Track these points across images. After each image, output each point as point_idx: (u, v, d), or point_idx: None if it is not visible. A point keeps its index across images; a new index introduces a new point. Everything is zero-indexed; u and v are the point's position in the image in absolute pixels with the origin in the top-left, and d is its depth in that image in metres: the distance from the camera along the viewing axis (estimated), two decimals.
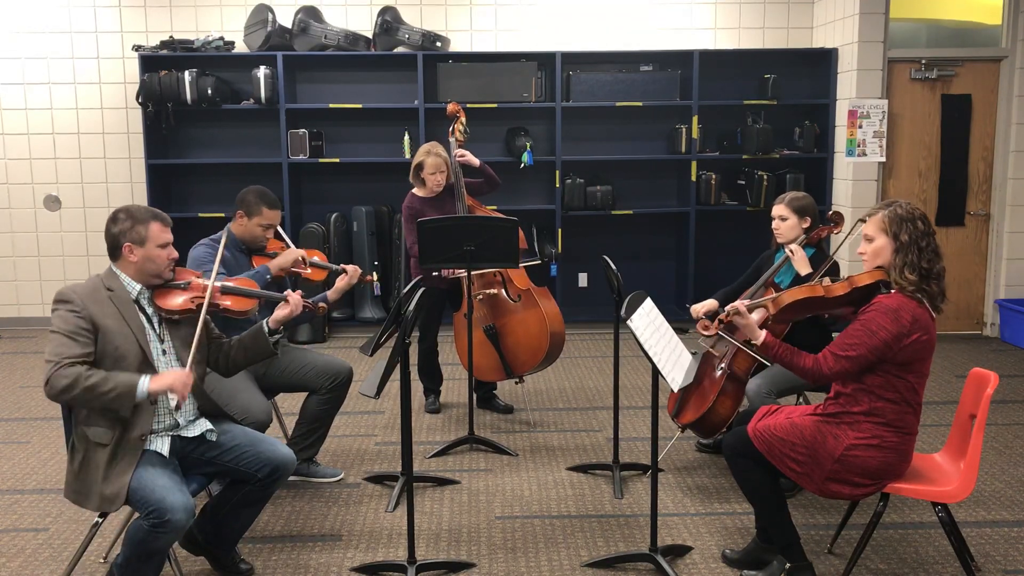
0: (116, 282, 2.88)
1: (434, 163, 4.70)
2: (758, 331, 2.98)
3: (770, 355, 2.96)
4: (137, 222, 2.86)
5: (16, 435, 4.68)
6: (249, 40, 6.71)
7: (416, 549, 3.15)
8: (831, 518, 3.56)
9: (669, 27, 7.04)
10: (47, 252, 7.14)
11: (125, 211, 2.89)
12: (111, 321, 2.79)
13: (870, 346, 2.78)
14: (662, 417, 4.32)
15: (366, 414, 4.97)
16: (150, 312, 2.92)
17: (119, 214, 2.89)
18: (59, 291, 2.81)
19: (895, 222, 2.87)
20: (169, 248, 2.91)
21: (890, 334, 2.76)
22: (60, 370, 2.65)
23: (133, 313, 2.85)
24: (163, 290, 2.95)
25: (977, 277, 6.85)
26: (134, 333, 2.82)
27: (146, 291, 2.92)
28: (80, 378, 2.65)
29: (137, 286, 2.90)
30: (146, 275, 2.89)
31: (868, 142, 6.54)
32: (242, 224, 3.76)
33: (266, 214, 3.73)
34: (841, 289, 2.96)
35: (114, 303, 2.82)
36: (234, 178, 6.72)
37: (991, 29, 6.68)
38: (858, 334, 2.80)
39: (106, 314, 2.79)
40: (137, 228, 2.85)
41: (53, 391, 2.67)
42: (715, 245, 7.11)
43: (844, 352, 2.82)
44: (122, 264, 2.89)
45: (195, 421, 2.99)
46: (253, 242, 3.77)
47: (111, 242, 2.88)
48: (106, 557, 3.24)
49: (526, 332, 4.65)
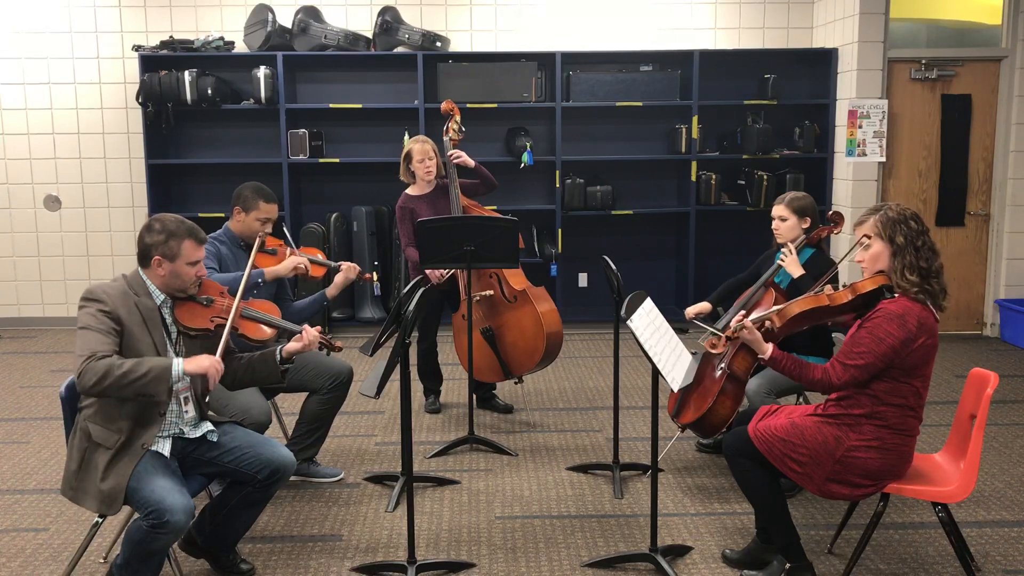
0: (143, 288, 2.88)
1: (421, 149, 4.67)
2: (765, 345, 2.96)
3: (778, 368, 2.94)
4: (172, 237, 2.84)
5: (16, 435, 4.68)
6: (249, 40, 6.71)
7: (416, 549, 3.15)
8: (831, 518, 3.56)
9: (669, 27, 7.04)
10: (47, 252, 7.14)
11: (161, 223, 2.87)
12: (136, 328, 2.80)
13: (878, 353, 2.76)
14: (662, 417, 4.32)
15: (366, 414, 4.97)
16: (169, 322, 2.92)
17: (155, 224, 2.87)
18: (89, 289, 2.80)
19: (888, 225, 2.86)
20: (198, 266, 2.90)
21: (897, 340, 2.75)
22: (92, 363, 2.64)
23: (156, 322, 2.86)
24: (186, 304, 2.95)
25: (977, 277, 6.85)
26: (155, 341, 2.83)
27: (169, 301, 2.93)
28: (113, 367, 2.63)
29: (161, 296, 2.90)
30: (170, 288, 2.90)
31: (868, 142, 6.54)
32: (240, 220, 3.77)
33: (262, 208, 3.74)
34: (845, 297, 2.94)
35: (139, 309, 2.82)
36: (234, 178, 6.62)
37: (991, 29, 6.68)
38: (865, 342, 2.79)
39: (132, 319, 2.79)
40: (171, 243, 2.84)
41: (87, 383, 2.64)
42: (715, 245, 7.11)
43: (852, 361, 2.80)
44: (149, 273, 2.88)
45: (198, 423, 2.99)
46: (252, 237, 3.77)
47: (142, 250, 2.87)
48: (106, 557, 3.24)
49: (522, 333, 4.65)
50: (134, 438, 2.78)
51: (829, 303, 2.96)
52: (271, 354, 3.05)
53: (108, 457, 2.75)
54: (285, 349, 3.04)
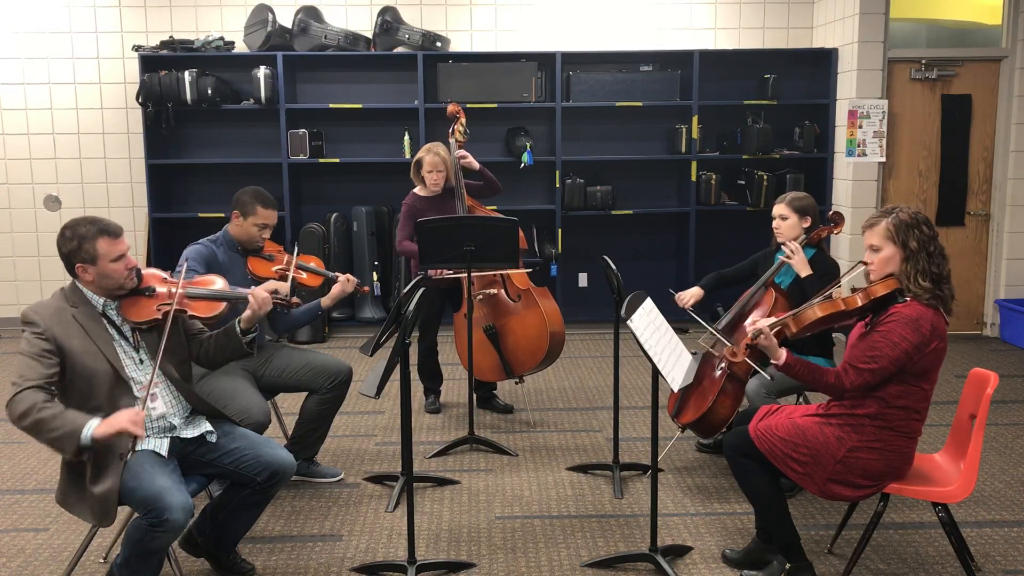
0: (81, 297, 2.81)
1: (432, 161, 4.70)
2: (780, 351, 2.93)
3: (791, 374, 2.91)
4: (84, 240, 2.75)
5: (16, 435, 4.67)
6: (249, 40, 6.71)
7: (416, 549, 3.15)
8: (831, 518, 3.56)
9: (669, 27, 7.04)
10: (47, 252, 7.13)
11: (71, 228, 2.78)
12: (76, 341, 2.72)
13: (892, 358, 2.75)
14: (662, 417, 4.32)
15: (366, 414, 4.97)
16: (119, 322, 2.86)
17: (65, 231, 2.78)
18: (24, 312, 2.73)
19: (902, 229, 2.83)
20: (125, 258, 2.81)
21: (911, 344, 2.74)
22: (20, 394, 2.58)
23: (100, 329, 2.78)
24: (129, 299, 2.87)
25: (977, 277, 6.85)
26: (102, 351, 2.76)
27: (112, 302, 2.86)
28: (34, 408, 2.55)
29: (101, 299, 2.83)
30: (107, 289, 2.82)
31: (868, 142, 6.54)
32: (238, 224, 3.76)
33: (261, 213, 3.73)
34: (859, 301, 2.90)
35: (78, 321, 2.75)
36: (234, 178, 6.71)
37: (991, 29, 6.68)
38: (879, 346, 2.77)
39: (71, 334, 2.72)
40: (85, 246, 2.74)
41: (12, 416, 2.58)
42: (715, 245, 7.11)
43: (866, 365, 2.78)
44: (81, 281, 2.82)
45: (194, 421, 2.98)
46: (249, 242, 3.76)
47: (64, 261, 2.79)
48: (106, 557, 3.24)
49: (526, 332, 4.65)
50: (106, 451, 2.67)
51: (844, 308, 2.94)
52: (231, 328, 3.02)
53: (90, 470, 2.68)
54: (243, 319, 3.01)
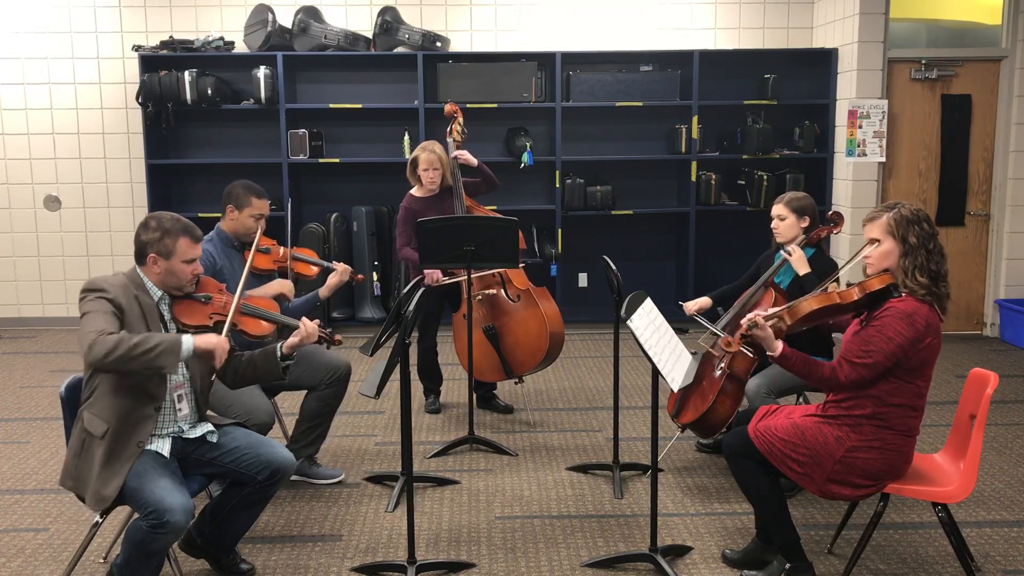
0: (140, 285, 2.89)
1: (427, 159, 4.69)
2: (776, 343, 2.93)
3: (786, 366, 2.92)
4: (167, 234, 2.85)
5: (16, 435, 4.68)
6: (249, 40, 6.71)
7: (416, 549, 3.15)
8: (831, 518, 3.56)
9: (669, 27, 7.04)
10: (47, 252, 7.14)
11: (157, 220, 2.89)
12: (135, 319, 2.80)
13: (887, 352, 2.76)
14: (662, 417, 4.32)
15: (366, 414, 4.97)
16: (167, 319, 2.93)
17: (151, 222, 2.88)
18: (90, 280, 2.81)
19: (902, 224, 2.84)
20: (195, 264, 2.91)
21: (906, 339, 2.75)
22: (102, 337, 2.63)
23: (155, 318, 2.86)
24: (184, 302, 2.96)
25: (977, 277, 6.85)
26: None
27: (167, 297, 2.94)
28: (124, 339, 2.62)
29: (159, 292, 2.91)
30: (167, 286, 2.91)
31: (868, 142, 6.54)
32: (233, 218, 3.77)
33: (255, 204, 3.75)
34: (854, 295, 2.91)
35: (139, 303, 2.83)
36: (234, 178, 6.54)
37: (991, 29, 6.68)
38: (875, 340, 2.78)
39: (132, 310, 2.80)
40: (166, 240, 2.85)
41: (97, 354, 2.60)
42: (715, 245, 7.11)
43: (861, 360, 2.79)
44: (146, 270, 2.90)
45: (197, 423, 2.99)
46: (247, 235, 3.78)
47: (138, 247, 2.88)
48: (106, 557, 3.24)
49: (525, 332, 4.65)
50: (126, 434, 2.77)
51: (839, 301, 2.95)
52: (272, 351, 3.05)
53: (104, 451, 2.74)
54: (285, 344, 3.04)
